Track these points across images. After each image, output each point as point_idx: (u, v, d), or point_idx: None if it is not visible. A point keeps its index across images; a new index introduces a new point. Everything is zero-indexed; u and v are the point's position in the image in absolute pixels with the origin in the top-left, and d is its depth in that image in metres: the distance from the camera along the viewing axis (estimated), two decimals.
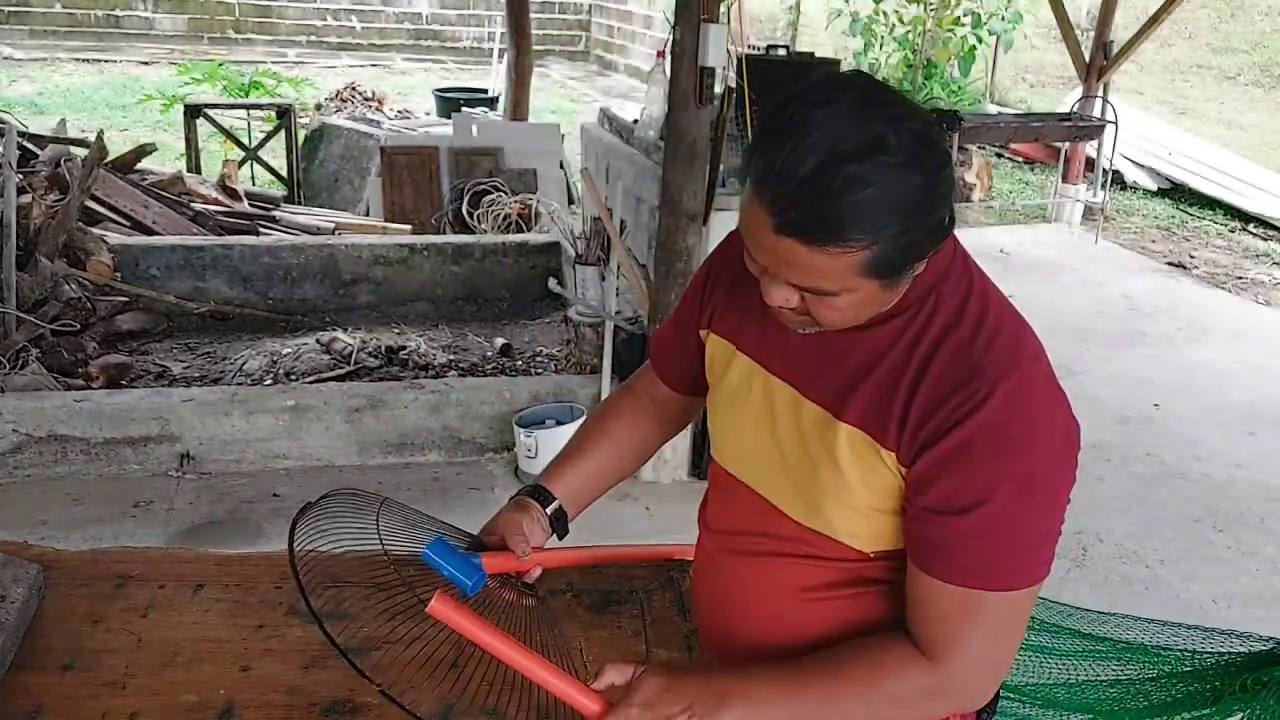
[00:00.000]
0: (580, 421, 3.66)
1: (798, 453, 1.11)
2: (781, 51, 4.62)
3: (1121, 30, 7.19)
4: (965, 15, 9.26)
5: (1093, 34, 7.38)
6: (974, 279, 1.08)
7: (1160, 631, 1.74)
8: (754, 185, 0.94)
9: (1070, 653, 1.80)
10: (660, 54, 4.02)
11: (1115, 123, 6.94)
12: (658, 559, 1.57)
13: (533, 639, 1.15)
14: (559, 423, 3.66)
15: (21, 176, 4.67)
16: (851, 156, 0.90)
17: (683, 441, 3.69)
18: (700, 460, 3.73)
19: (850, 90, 0.95)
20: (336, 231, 5.72)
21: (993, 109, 9.70)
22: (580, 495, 1.33)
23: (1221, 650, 1.62)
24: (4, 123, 5.11)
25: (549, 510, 1.29)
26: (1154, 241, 7.39)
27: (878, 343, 1.06)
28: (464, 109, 8.03)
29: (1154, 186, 8.43)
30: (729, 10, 3.37)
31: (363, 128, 7.48)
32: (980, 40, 9.24)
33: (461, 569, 1.13)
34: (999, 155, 9.45)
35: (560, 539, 1.32)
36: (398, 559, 1.14)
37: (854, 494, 1.07)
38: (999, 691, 1.22)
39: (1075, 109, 7.20)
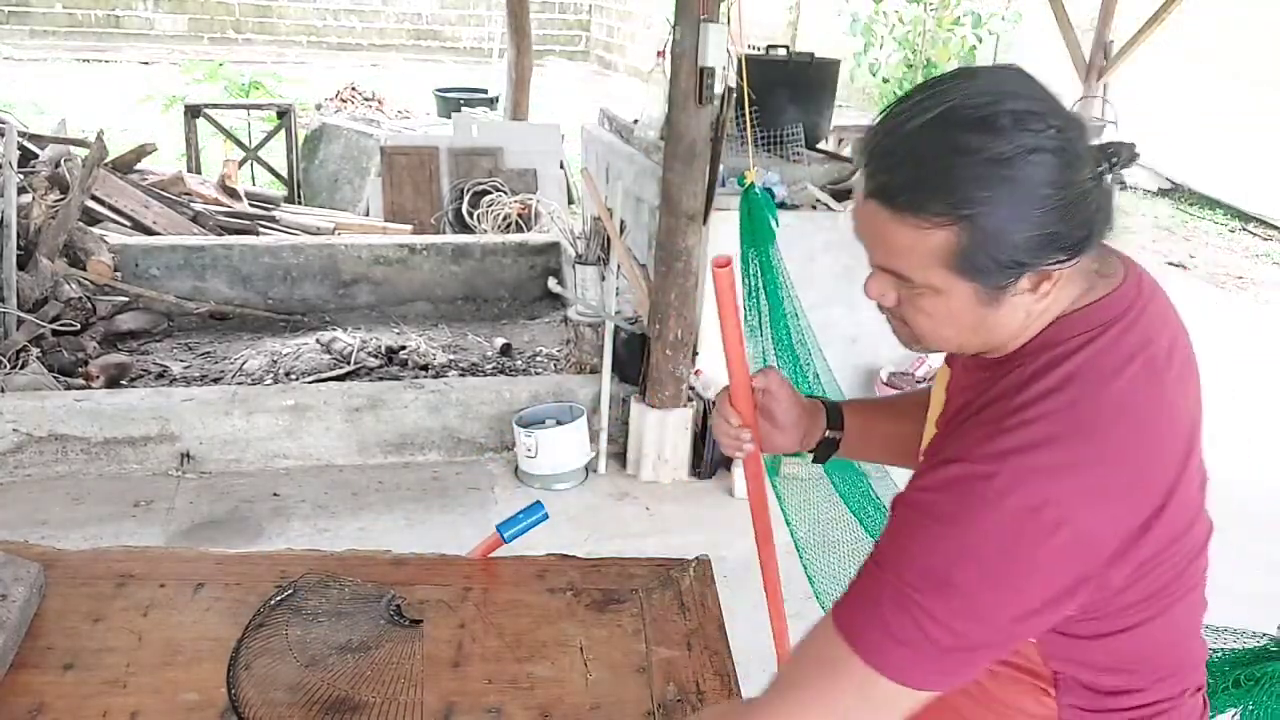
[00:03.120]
0: (581, 420, 3.66)
1: None
2: (781, 51, 4.62)
3: (1121, 30, 7.18)
4: (965, 15, 9.25)
5: (1093, 34, 7.38)
6: (1074, 357, 0.91)
7: None
8: (863, 150, 0.88)
9: None
10: (660, 54, 4.02)
11: (1115, 123, 6.94)
12: None
13: None
14: (559, 423, 3.65)
15: (22, 176, 4.67)
16: (961, 123, 0.81)
17: (683, 442, 3.69)
18: (699, 460, 3.73)
19: (1000, 73, 0.87)
20: (336, 231, 5.72)
21: None
22: (854, 445, 1.32)
23: (1216, 646, 1.62)
24: (4, 123, 5.10)
25: (828, 433, 1.29)
26: (1154, 241, 7.39)
27: (988, 391, 0.93)
28: (464, 109, 8.03)
29: (1154, 186, 8.43)
30: (729, 10, 3.37)
31: (363, 128, 7.48)
32: (980, 40, 9.24)
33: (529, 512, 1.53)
34: None
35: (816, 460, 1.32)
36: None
37: None
38: (1206, 698, 1.07)
39: (1075, 109, 7.18)
